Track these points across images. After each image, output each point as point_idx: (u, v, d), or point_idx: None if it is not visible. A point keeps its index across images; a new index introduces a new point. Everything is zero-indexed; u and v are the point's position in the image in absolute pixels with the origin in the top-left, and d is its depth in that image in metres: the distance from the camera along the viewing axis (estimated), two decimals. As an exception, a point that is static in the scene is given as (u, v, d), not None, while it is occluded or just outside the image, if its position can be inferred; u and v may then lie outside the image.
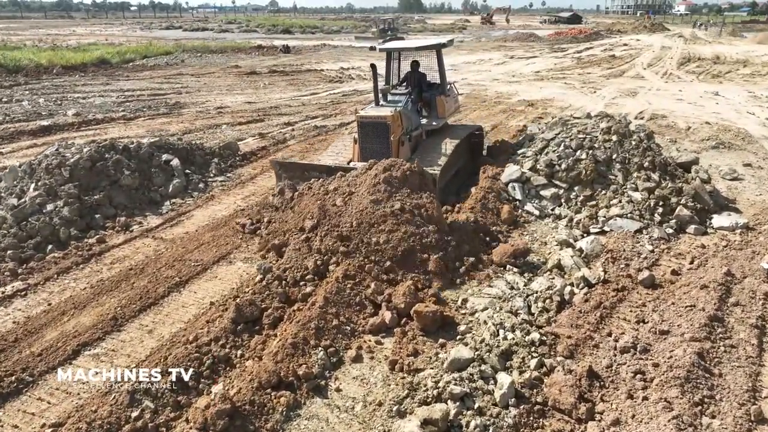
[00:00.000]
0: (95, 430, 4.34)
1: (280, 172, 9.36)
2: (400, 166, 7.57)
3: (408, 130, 9.39)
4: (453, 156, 9.34)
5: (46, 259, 7.43)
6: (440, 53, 10.55)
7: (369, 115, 9.08)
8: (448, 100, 10.68)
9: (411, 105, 9.86)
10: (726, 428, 4.28)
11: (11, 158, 12.29)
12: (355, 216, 6.90)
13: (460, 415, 4.50)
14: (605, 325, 5.81)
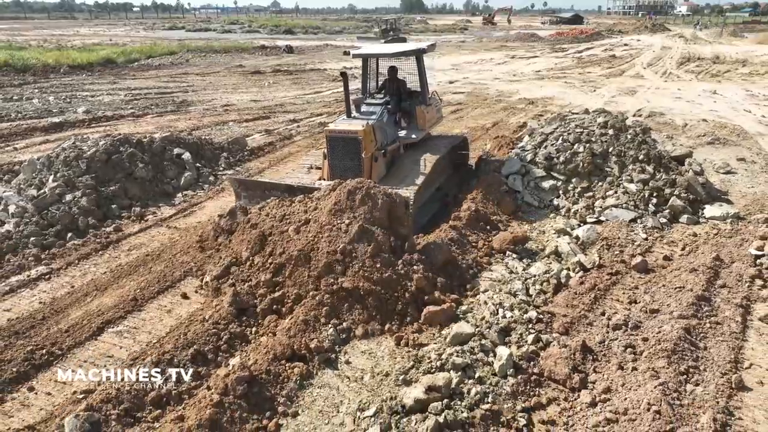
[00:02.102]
0: (123, 395, 4.68)
1: (239, 190, 8.47)
2: (365, 190, 6.54)
3: (383, 145, 8.46)
4: (432, 173, 8.47)
5: (67, 246, 7.79)
6: (420, 59, 9.50)
7: (339, 129, 8.17)
8: (429, 110, 9.63)
9: (387, 116, 8.96)
10: (708, 394, 4.61)
11: (25, 153, 12.65)
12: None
13: (461, 383, 4.83)
14: (599, 306, 6.14)
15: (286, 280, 6.15)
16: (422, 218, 8.27)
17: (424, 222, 8.19)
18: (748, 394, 4.70)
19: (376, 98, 9.45)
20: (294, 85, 23.94)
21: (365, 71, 10.04)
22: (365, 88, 10.14)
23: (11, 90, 21.22)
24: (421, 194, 8.06)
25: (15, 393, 4.93)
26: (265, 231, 6.68)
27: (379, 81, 10.20)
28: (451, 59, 35.75)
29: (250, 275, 6.36)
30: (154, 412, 4.64)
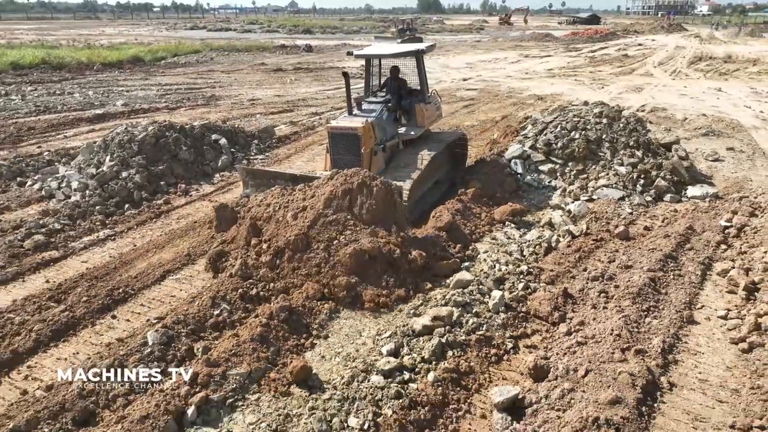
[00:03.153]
0: (188, 320, 5.85)
1: (246, 179, 9.07)
2: (362, 180, 7.09)
3: (382, 141, 8.85)
4: (429, 168, 8.94)
5: (126, 214, 9.05)
6: (420, 59, 9.84)
7: (340, 126, 8.62)
8: (429, 107, 10.00)
9: (387, 114, 9.36)
10: (662, 325, 5.65)
11: (75, 140, 14.01)
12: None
13: (461, 316, 5.92)
14: (582, 263, 7.19)
15: (283, 264, 6.64)
16: (421, 208, 8.74)
17: (426, 208, 8.67)
18: (695, 327, 5.73)
19: (378, 96, 9.97)
20: (315, 82, 25.15)
21: (368, 71, 10.43)
22: (368, 87, 10.52)
23: (52, 85, 22.76)
24: (417, 187, 8.51)
25: (102, 320, 6.15)
26: (265, 216, 7.25)
27: (382, 80, 10.58)
28: (465, 58, 36.72)
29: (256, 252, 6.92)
30: (213, 334, 5.80)
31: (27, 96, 20.01)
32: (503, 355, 5.55)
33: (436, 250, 7.13)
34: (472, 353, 5.45)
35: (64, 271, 7.24)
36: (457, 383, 5.09)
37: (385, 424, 4.49)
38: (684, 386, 4.89)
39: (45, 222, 8.47)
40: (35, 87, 22.30)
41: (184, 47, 41.63)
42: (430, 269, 6.89)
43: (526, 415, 4.70)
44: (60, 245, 7.90)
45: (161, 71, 29.38)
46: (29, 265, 7.29)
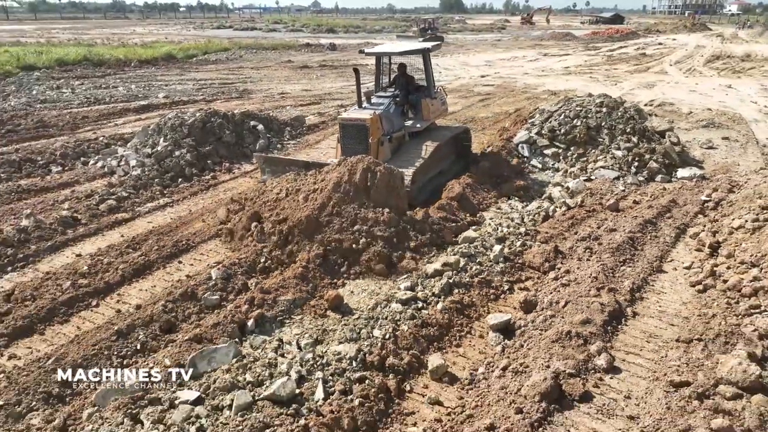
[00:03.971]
0: (242, 264, 7.15)
1: (263, 166, 9.87)
2: (366, 165, 7.86)
3: (388, 132, 9.50)
4: (432, 158, 9.48)
5: (179, 186, 10.46)
6: (427, 57, 10.51)
7: (350, 118, 9.35)
8: (434, 102, 10.60)
9: (394, 108, 9.99)
10: (634, 272, 6.77)
11: (125, 127, 15.53)
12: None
13: (467, 264, 7.12)
14: (574, 228, 8.32)
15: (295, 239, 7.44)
16: (424, 196, 9.30)
17: (428, 197, 9.28)
18: (663, 274, 6.85)
19: (387, 92, 10.63)
20: (339, 78, 26.47)
21: (378, 68, 11.07)
22: (378, 83, 11.11)
23: (97, 80, 24.51)
24: (420, 175, 9.15)
25: (170, 264, 7.51)
26: (276, 199, 8.09)
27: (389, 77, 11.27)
28: (485, 56, 37.71)
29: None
30: (261, 275, 7.09)
31: (76, 89, 21.74)
32: (500, 294, 6.74)
33: (447, 214, 8.33)
34: (474, 291, 6.64)
35: (135, 228, 8.65)
36: (460, 312, 6.29)
37: (401, 336, 5.70)
38: (645, 315, 6.03)
39: (113, 191, 9.91)
40: (82, 81, 24.06)
41: (213, 45, 43.41)
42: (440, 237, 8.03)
43: (515, 334, 5.88)
44: (128, 209, 9.33)
45: (194, 68, 31.07)
46: (106, 224, 8.72)
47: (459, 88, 22.85)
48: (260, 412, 4.57)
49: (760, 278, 6.05)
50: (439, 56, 38.08)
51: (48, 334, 5.97)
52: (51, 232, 8.24)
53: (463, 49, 44.48)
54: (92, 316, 6.31)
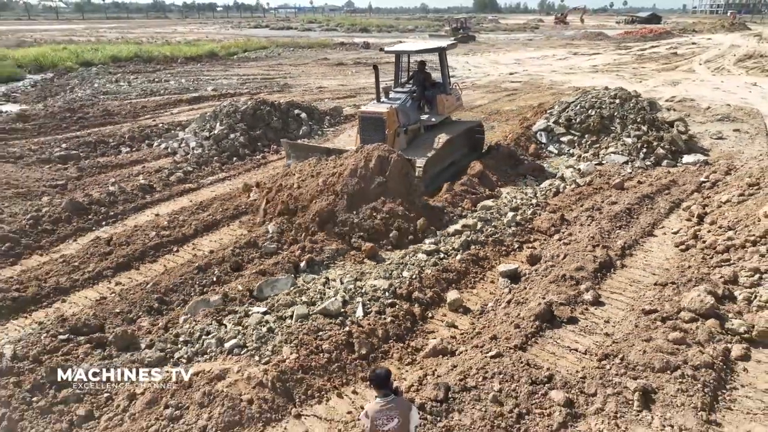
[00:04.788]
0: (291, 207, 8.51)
1: (289, 151, 10.57)
2: (381, 153, 8.51)
3: (404, 124, 10.06)
4: (444, 149, 10.07)
5: (234, 164, 11.96)
6: (443, 56, 11.02)
7: (368, 111, 9.98)
8: (449, 98, 11.18)
9: (410, 102, 10.52)
10: (627, 235, 7.87)
11: (180, 116, 17.21)
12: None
13: (483, 227, 8.33)
14: (580, 202, 9.42)
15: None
16: (437, 184, 9.89)
17: (441, 185, 9.84)
18: (653, 237, 7.93)
19: (405, 87, 11.22)
20: (373, 74, 27.78)
21: (397, 65, 11.64)
22: (397, 79, 11.67)
23: (149, 75, 26.52)
24: (432, 165, 9.70)
25: (233, 223, 8.95)
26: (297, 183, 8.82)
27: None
28: (515, 55, 38.53)
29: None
30: (308, 233, 8.44)
31: (132, 83, 23.72)
32: (510, 252, 7.93)
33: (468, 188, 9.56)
34: (488, 248, 7.86)
35: (200, 195, 10.16)
36: (476, 263, 7.51)
37: (426, 277, 6.97)
38: (632, 266, 7.15)
39: (179, 166, 11.48)
40: (136, 76, 26.09)
41: (252, 44, 45.37)
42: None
43: (520, 280, 7.07)
44: (193, 180, 10.88)
45: (237, 64, 32.90)
46: (176, 191, 10.27)
47: (487, 84, 23.93)
48: (314, 321, 5.92)
49: (733, 238, 7.10)
50: (470, 55, 39.09)
51: (142, 270, 7.46)
52: (133, 196, 9.83)
53: (494, 48, 45.32)
54: (175, 258, 7.79)
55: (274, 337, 5.70)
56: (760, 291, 6.03)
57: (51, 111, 17.54)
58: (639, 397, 4.71)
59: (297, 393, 5.03)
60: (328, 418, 4.84)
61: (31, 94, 22.15)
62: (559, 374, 5.09)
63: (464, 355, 5.46)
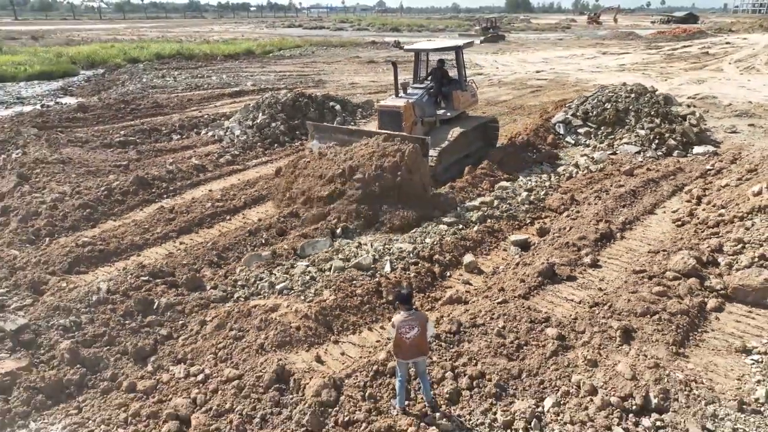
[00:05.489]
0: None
1: (313, 132, 10.95)
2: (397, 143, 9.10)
3: (420, 118, 10.67)
4: (458, 142, 10.65)
5: (276, 149, 13.18)
6: (459, 54, 11.67)
7: (386, 105, 10.66)
8: (464, 94, 11.75)
9: (427, 97, 11.12)
10: (629, 213, 8.71)
11: (222, 108, 18.59)
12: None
13: (499, 204, 9.28)
14: (591, 185, 10.26)
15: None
16: (451, 175, 10.49)
17: (455, 175, 10.51)
18: (652, 215, 8.77)
19: (423, 83, 11.80)
20: (403, 72, 28.72)
21: (416, 62, 12.19)
22: (416, 75, 12.22)
23: (192, 71, 28.18)
24: (446, 156, 10.32)
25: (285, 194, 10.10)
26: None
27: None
28: (544, 54, 39.02)
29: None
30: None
31: (177, 78, 25.34)
32: (522, 226, 8.87)
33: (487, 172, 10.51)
34: (502, 222, 8.81)
35: (247, 175, 11.40)
36: (491, 234, 8.48)
37: (446, 244, 7.97)
38: (630, 238, 8.02)
39: (227, 150, 12.75)
40: (180, 72, 27.77)
41: (287, 43, 46.98)
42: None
43: (529, 249, 8.01)
44: (240, 162, 12.15)
45: (273, 62, 34.39)
46: (226, 171, 11.54)
47: (513, 82, 24.70)
48: (349, 273, 7.01)
49: (723, 215, 7.90)
50: (499, 54, 39.76)
51: (201, 233, 8.69)
52: (189, 174, 11.13)
53: (523, 47, 45.82)
54: (228, 225, 9.00)
55: (315, 283, 6.82)
56: (741, 258, 6.85)
57: (107, 103, 19.17)
58: (621, 335, 5.63)
59: (335, 325, 6.12)
60: (360, 344, 5.91)
61: (86, 88, 24.00)
62: (555, 317, 6.05)
63: (476, 303, 6.46)
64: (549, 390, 5.05)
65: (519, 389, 5.09)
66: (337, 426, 4.73)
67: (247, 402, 4.91)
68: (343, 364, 5.55)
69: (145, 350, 5.77)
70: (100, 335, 5.90)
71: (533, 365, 5.34)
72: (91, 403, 5.15)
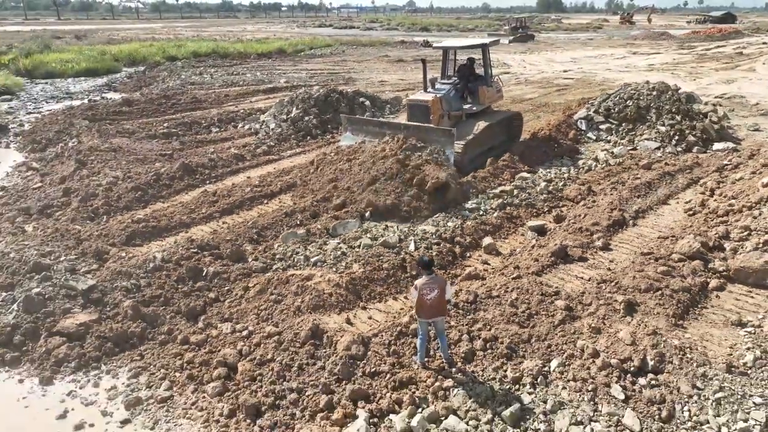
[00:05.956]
0: (359, 185, 10.31)
1: (346, 124, 11.82)
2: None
3: (447, 111, 11.30)
4: (483, 135, 11.20)
5: (308, 141, 13.96)
6: (485, 51, 12.40)
7: (415, 99, 11.43)
8: (490, 90, 12.35)
9: (454, 92, 11.69)
10: (643, 203, 9.15)
11: (257, 103, 19.50)
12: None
13: (519, 193, 9.82)
14: (609, 178, 10.70)
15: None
16: (476, 165, 11.01)
17: (479, 166, 11.03)
18: (666, 206, 9.20)
19: (450, 79, 12.38)
20: (431, 70, 29.21)
21: (444, 59, 12.76)
22: (444, 71, 12.77)
23: (228, 68, 29.32)
24: (471, 147, 10.91)
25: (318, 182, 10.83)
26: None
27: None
28: (573, 54, 39.04)
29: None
30: (372, 194, 10.21)
31: (214, 75, 26.45)
32: (540, 213, 9.39)
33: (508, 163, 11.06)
34: (521, 210, 9.36)
35: (282, 165, 12.19)
36: (509, 220, 9.03)
37: (466, 227, 8.56)
38: (642, 225, 8.48)
39: (263, 142, 13.59)
40: (216, 69, 28.94)
41: (318, 42, 47.94)
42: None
43: (546, 234, 8.54)
44: (275, 153, 12.97)
45: (305, 60, 35.37)
46: (263, 161, 12.37)
47: (539, 80, 25.02)
48: (377, 249, 7.68)
49: (733, 205, 8.28)
50: (527, 53, 39.92)
51: (241, 215, 9.48)
52: (228, 162, 11.98)
53: (552, 47, 45.82)
54: (265, 207, 9.77)
55: (346, 257, 7.52)
56: (746, 244, 7.26)
57: (149, 98, 20.29)
58: (624, 307, 6.16)
59: (363, 294, 6.80)
60: (385, 311, 6.57)
61: (128, 84, 25.30)
62: (564, 291, 6.60)
63: (492, 279, 7.05)
64: (555, 353, 5.61)
65: (528, 351, 5.67)
66: (364, 376, 5.38)
67: (286, 354, 5.61)
68: (370, 326, 6.22)
69: (196, 310, 6.55)
70: (157, 296, 6.71)
71: (542, 332, 5.91)
72: (152, 351, 5.94)
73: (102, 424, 5.01)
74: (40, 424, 5.02)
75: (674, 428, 4.66)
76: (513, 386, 5.25)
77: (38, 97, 21.72)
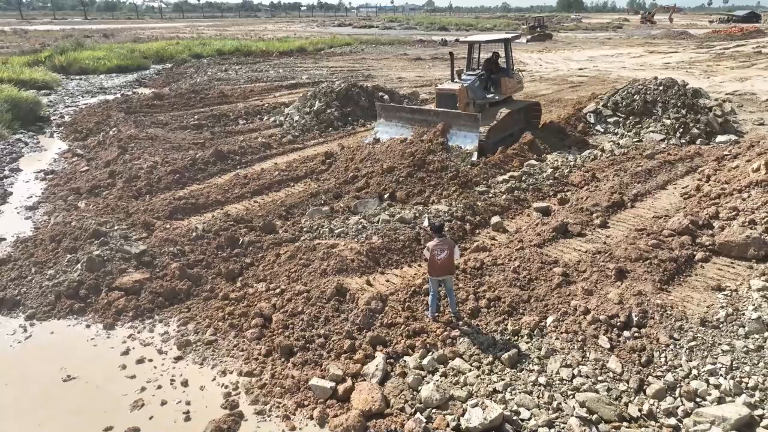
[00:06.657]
0: (378, 171, 11.14)
1: (380, 111, 13.26)
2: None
3: (472, 99, 12.55)
4: (504, 121, 12.33)
5: (330, 132, 14.85)
6: (508, 45, 13.52)
7: (444, 88, 12.79)
8: (511, 81, 13.51)
9: (478, 83, 12.94)
10: (642, 188, 9.81)
11: (281, 98, 20.43)
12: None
13: (526, 180, 10.53)
14: (613, 166, 11.35)
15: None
16: (497, 149, 11.94)
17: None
18: (663, 190, 9.85)
19: (475, 71, 13.61)
20: (449, 68, 30.11)
21: (470, 53, 14.15)
22: (469, 64, 14.09)
23: (251, 66, 30.39)
24: (494, 133, 12.03)
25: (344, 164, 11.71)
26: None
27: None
28: (590, 53, 39.37)
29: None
30: (390, 178, 11.03)
31: (239, 72, 27.52)
32: (546, 197, 10.11)
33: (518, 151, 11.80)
34: (528, 193, 10.09)
35: (305, 153, 13.07)
36: (516, 202, 9.77)
37: (477, 207, 9.32)
38: (639, 207, 9.16)
39: (288, 132, 14.50)
40: (240, 66, 30.01)
41: (337, 40, 48.92)
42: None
43: (550, 215, 9.27)
44: (300, 142, 13.87)
45: (325, 58, 36.34)
46: (288, 149, 13.29)
47: (554, 78, 25.58)
48: (394, 224, 8.49)
49: (725, 188, 8.92)
50: (544, 52, 40.35)
51: (270, 195, 10.38)
52: (257, 150, 12.91)
53: (569, 46, 46.13)
54: (292, 189, 10.65)
55: (366, 230, 8.36)
56: (733, 223, 7.91)
57: (179, 93, 21.38)
58: (615, 274, 6.88)
59: (381, 261, 7.62)
60: (401, 276, 7.38)
61: (157, 80, 26.50)
62: (563, 260, 7.35)
63: (498, 251, 7.82)
64: (551, 311, 6.37)
65: (527, 309, 6.44)
66: (382, 326, 6.20)
67: (314, 308, 6.45)
68: (388, 287, 7.04)
69: (234, 272, 7.44)
70: (199, 260, 7.62)
71: (540, 294, 6.67)
72: (197, 306, 6.84)
73: (159, 360, 5.92)
74: (107, 359, 5.94)
75: (651, 371, 5.38)
76: (512, 337, 6.03)
77: (74, 92, 23.00)
